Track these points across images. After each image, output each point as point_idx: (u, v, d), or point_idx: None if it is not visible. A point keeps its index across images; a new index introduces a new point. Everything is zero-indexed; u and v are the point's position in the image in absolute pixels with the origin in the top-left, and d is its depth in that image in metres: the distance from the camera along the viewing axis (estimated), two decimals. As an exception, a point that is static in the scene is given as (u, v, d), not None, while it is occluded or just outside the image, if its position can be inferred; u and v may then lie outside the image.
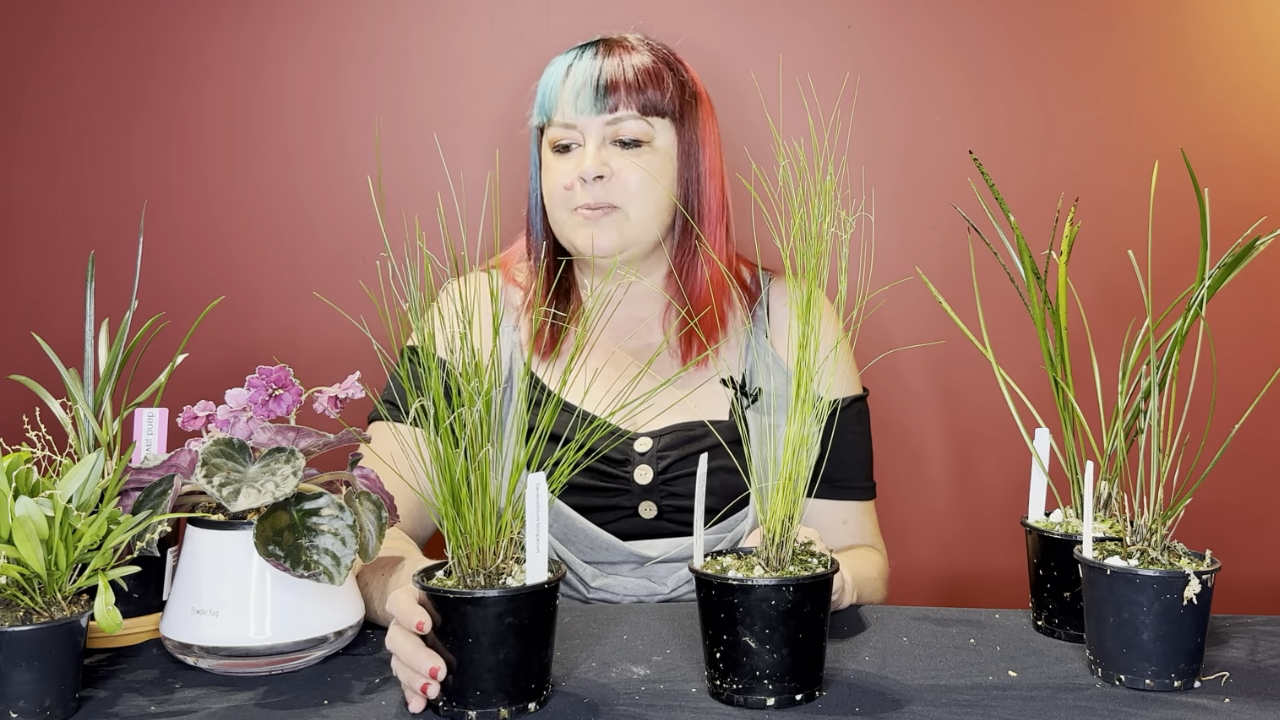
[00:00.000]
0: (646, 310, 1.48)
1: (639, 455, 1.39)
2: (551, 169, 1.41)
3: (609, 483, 1.39)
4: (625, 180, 1.38)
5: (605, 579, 1.39)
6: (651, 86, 1.39)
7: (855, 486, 1.46)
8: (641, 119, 1.38)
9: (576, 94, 1.38)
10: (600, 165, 1.37)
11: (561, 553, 1.40)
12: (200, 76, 1.83)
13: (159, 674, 1.05)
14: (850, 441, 1.46)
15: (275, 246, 1.84)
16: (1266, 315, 1.83)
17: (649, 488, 1.39)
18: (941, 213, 1.75)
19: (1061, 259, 1.18)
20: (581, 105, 1.37)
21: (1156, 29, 1.82)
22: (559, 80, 1.40)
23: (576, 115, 1.38)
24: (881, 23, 1.83)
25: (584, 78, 1.38)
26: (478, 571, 0.95)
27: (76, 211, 1.83)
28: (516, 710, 0.94)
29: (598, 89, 1.37)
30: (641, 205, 1.38)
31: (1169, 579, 0.97)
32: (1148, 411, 1.04)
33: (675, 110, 1.40)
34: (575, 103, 1.38)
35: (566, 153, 1.40)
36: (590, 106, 1.37)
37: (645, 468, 1.39)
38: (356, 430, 1.15)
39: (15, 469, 0.94)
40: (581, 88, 1.38)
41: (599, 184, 1.37)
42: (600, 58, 1.39)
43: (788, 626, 0.94)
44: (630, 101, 1.37)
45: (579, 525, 1.38)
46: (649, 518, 1.39)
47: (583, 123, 1.38)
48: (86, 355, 1.21)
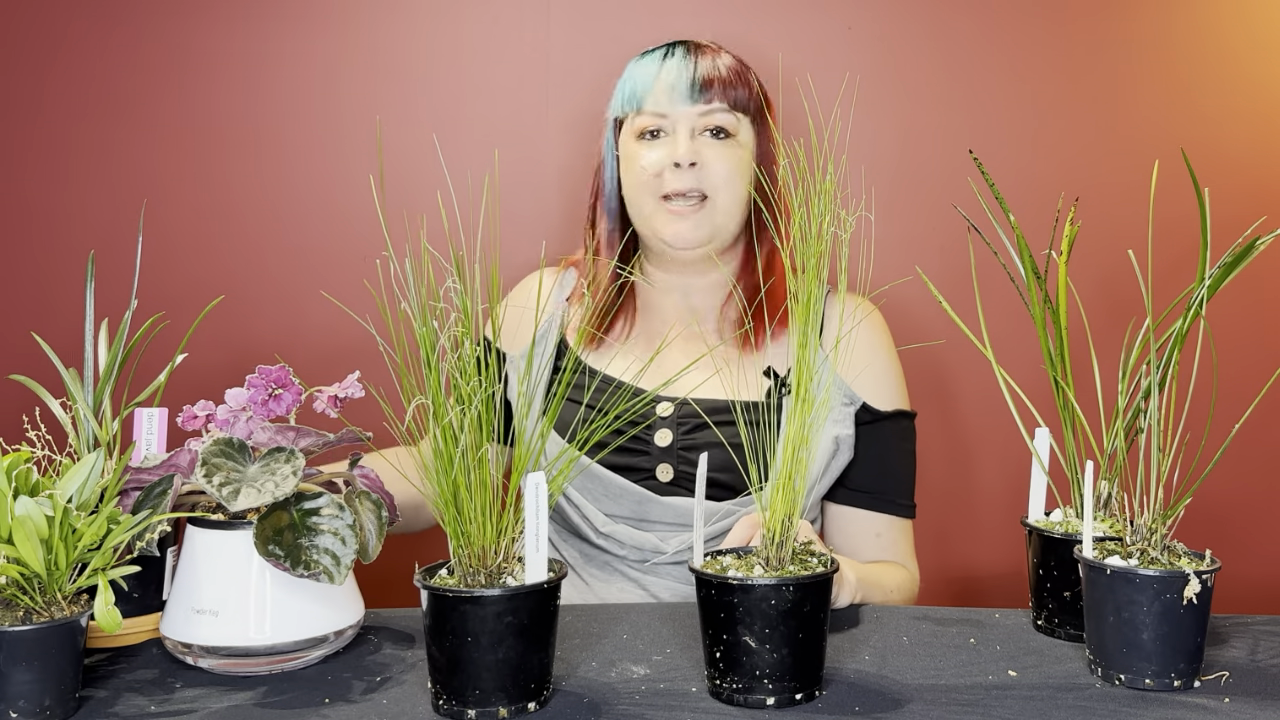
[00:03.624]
0: (704, 303, 1.51)
1: (661, 419, 1.43)
2: (637, 156, 1.45)
3: (630, 441, 1.42)
4: (715, 169, 1.42)
5: (614, 526, 1.42)
6: (741, 85, 1.44)
7: (894, 501, 1.48)
8: (730, 112, 1.43)
9: (672, 86, 1.43)
10: (693, 153, 1.41)
11: (575, 498, 1.43)
12: (200, 76, 1.83)
13: (159, 674, 1.05)
14: (894, 456, 1.49)
15: (275, 246, 1.84)
16: (1266, 315, 1.83)
17: (667, 450, 1.42)
18: (941, 213, 1.75)
19: (1061, 259, 1.18)
20: (677, 97, 1.43)
21: (1157, 29, 1.82)
22: (652, 74, 1.45)
23: (672, 105, 1.43)
24: (881, 23, 1.83)
25: (679, 72, 1.43)
26: (478, 570, 0.95)
27: (76, 211, 1.83)
28: (516, 710, 0.94)
29: (694, 83, 1.43)
30: (728, 195, 1.43)
31: (1169, 579, 0.97)
32: (1148, 411, 1.04)
33: (755, 110, 1.45)
34: (670, 94, 1.43)
35: (655, 139, 1.44)
36: (686, 98, 1.42)
37: (666, 431, 1.43)
38: (357, 430, 1.15)
39: (15, 469, 0.94)
40: (677, 80, 1.43)
41: (691, 170, 1.41)
42: (694, 56, 1.45)
43: (787, 626, 0.94)
44: (724, 95, 1.43)
45: (595, 470, 1.42)
46: (665, 480, 1.42)
47: (675, 113, 1.43)
48: (86, 355, 1.21)
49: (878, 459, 1.46)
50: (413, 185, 1.43)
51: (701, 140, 1.43)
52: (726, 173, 1.42)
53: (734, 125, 1.43)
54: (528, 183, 1.85)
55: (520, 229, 1.81)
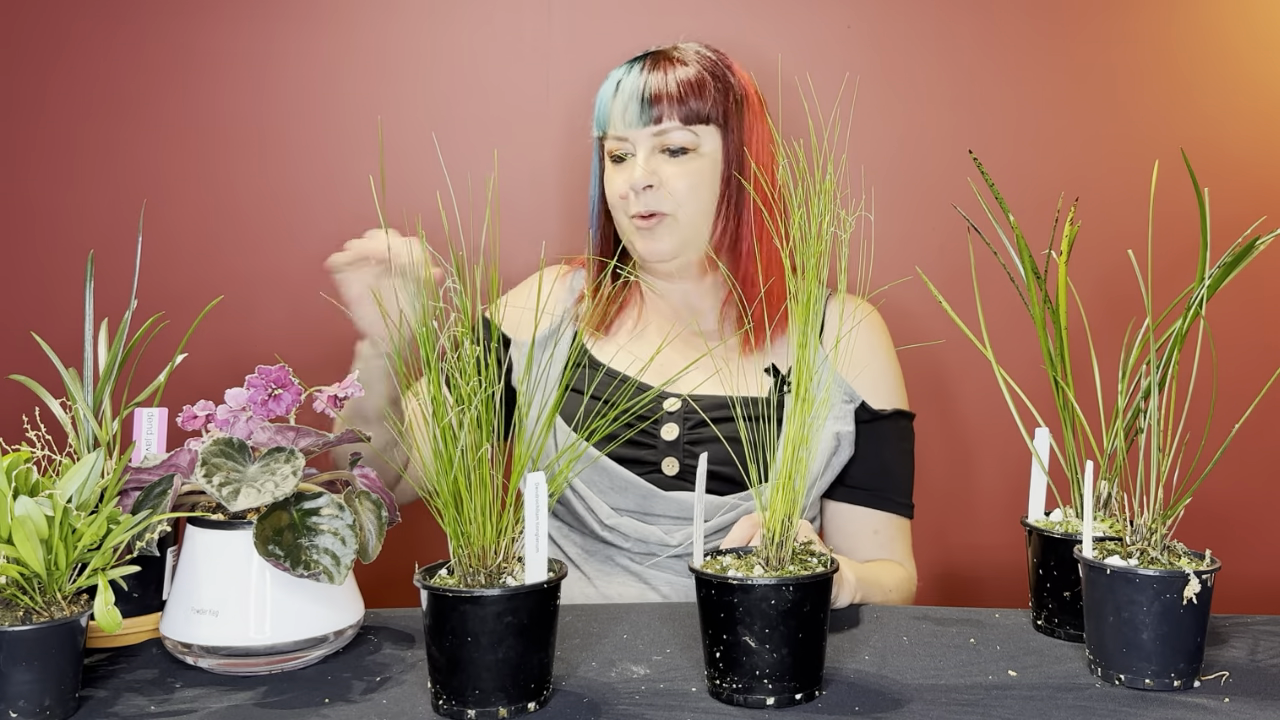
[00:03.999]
0: (703, 302, 1.53)
1: (668, 414, 1.44)
2: (610, 178, 1.49)
3: (637, 435, 1.43)
4: (673, 187, 1.44)
5: (619, 519, 1.43)
6: (694, 97, 1.44)
7: (892, 499, 1.49)
8: (685, 129, 1.44)
9: (624, 108, 1.45)
10: (649, 175, 1.44)
11: (581, 490, 1.44)
12: (200, 76, 1.83)
13: (159, 674, 1.05)
14: (892, 455, 1.50)
15: (275, 246, 1.84)
16: (1266, 315, 1.82)
17: (673, 444, 1.43)
18: (941, 213, 1.75)
19: (1061, 259, 1.18)
20: (629, 119, 1.45)
21: (1157, 29, 1.82)
22: (610, 95, 1.47)
23: (626, 128, 1.45)
24: (881, 23, 1.83)
25: (630, 92, 1.45)
26: (478, 570, 0.95)
27: (76, 211, 1.83)
28: (516, 710, 0.94)
29: (643, 102, 1.44)
30: (690, 209, 1.45)
31: (1169, 579, 0.97)
32: (1148, 411, 1.04)
33: (719, 116, 1.45)
34: (624, 116, 1.45)
35: (621, 163, 1.48)
36: (637, 119, 1.44)
37: (672, 425, 1.44)
38: (357, 430, 1.14)
39: (15, 469, 0.94)
40: (629, 101, 1.45)
41: (649, 193, 1.44)
42: (646, 72, 1.46)
43: (787, 626, 0.94)
44: (673, 113, 1.44)
45: (602, 463, 1.43)
46: (671, 474, 1.43)
47: (632, 135, 1.45)
48: (86, 355, 1.21)
49: (876, 457, 1.47)
50: (413, 185, 1.42)
51: (659, 159, 1.44)
52: (685, 189, 1.44)
53: (691, 140, 1.44)
54: (528, 183, 1.85)
55: (520, 229, 1.81)
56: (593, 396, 1.45)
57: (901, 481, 1.51)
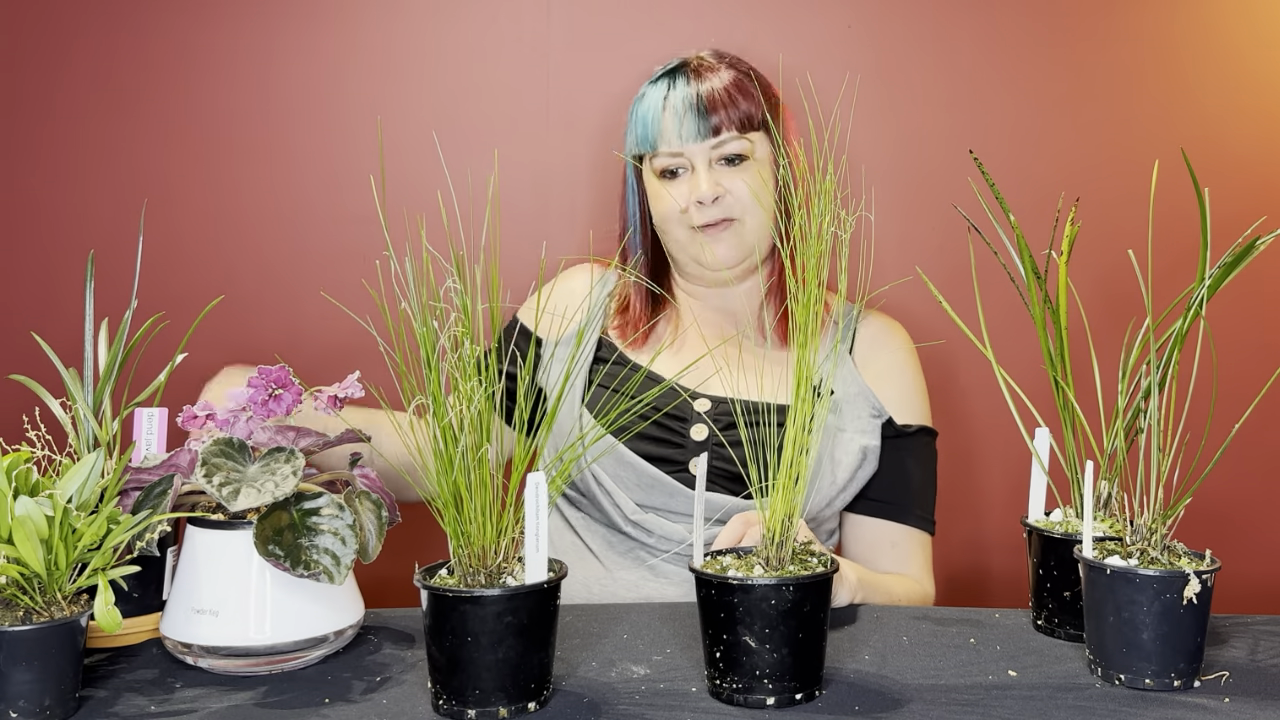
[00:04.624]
0: (742, 308, 1.54)
1: (697, 414, 1.45)
2: (661, 196, 1.47)
3: (666, 434, 1.44)
4: (738, 194, 1.44)
5: (644, 515, 1.43)
6: (745, 99, 1.45)
7: (913, 513, 1.50)
8: (741, 137, 1.44)
9: (680, 122, 1.44)
10: (714, 187, 1.43)
11: (607, 484, 1.44)
12: (201, 76, 1.83)
13: (159, 674, 1.05)
14: (915, 470, 1.51)
15: (275, 246, 1.84)
16: (1266, 315, 1.82)
17: (702, 444, 1.43)
18: (941, 213, 1.75)
19: (1061, 259, 1.18)
20: (687, 133, 1.44)
21: (1157, 29, 1.82)
22: (658, 111, 1.46)
23: (683, 143, 1.44)
24: (881, 23, 1.83)
25: (684, 104, 1.44)
26: (478, 570, 0.95)
27: (76, 211, 1.83)
28: (516, 710, 0.94)
29: (699, 112, 1.43)
30: (755, 217, 1.46)
31: (1169, 579, 0.97)
32: (1148, 411, 1.04)
33: (765, 120, 1.46)
34: (680, 130, 1.44)
35: (674, 178, 1.46)
36: (695, 133, 1.44)
37: (701, 426, 1.44)
38: (357, 430, 1.15)
39: (15, 469, 0.94)
40: (684, 115, 1.44)
41: (715, 204, 1.44)
42: (694, 83, 1.45)
43: (787, 626, 0.94)
44: (730, 121, 1.44)
45: (628, 458, 1.43)
46: None
47: (689, 149, 1.44)
48: (86, 355, 1.21)
49: (899, 470, 1.48)
50: (413, 185, 1.42)
51: (719, 170, 1.44)
52: (749, 196, 1.44)
53: (747, 148, 1.44)
54: (528, 182, 1.85)
55: (520, 229, 1.81)
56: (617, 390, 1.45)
57: (923, 497, 1.51)
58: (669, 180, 1.47)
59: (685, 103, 1.44)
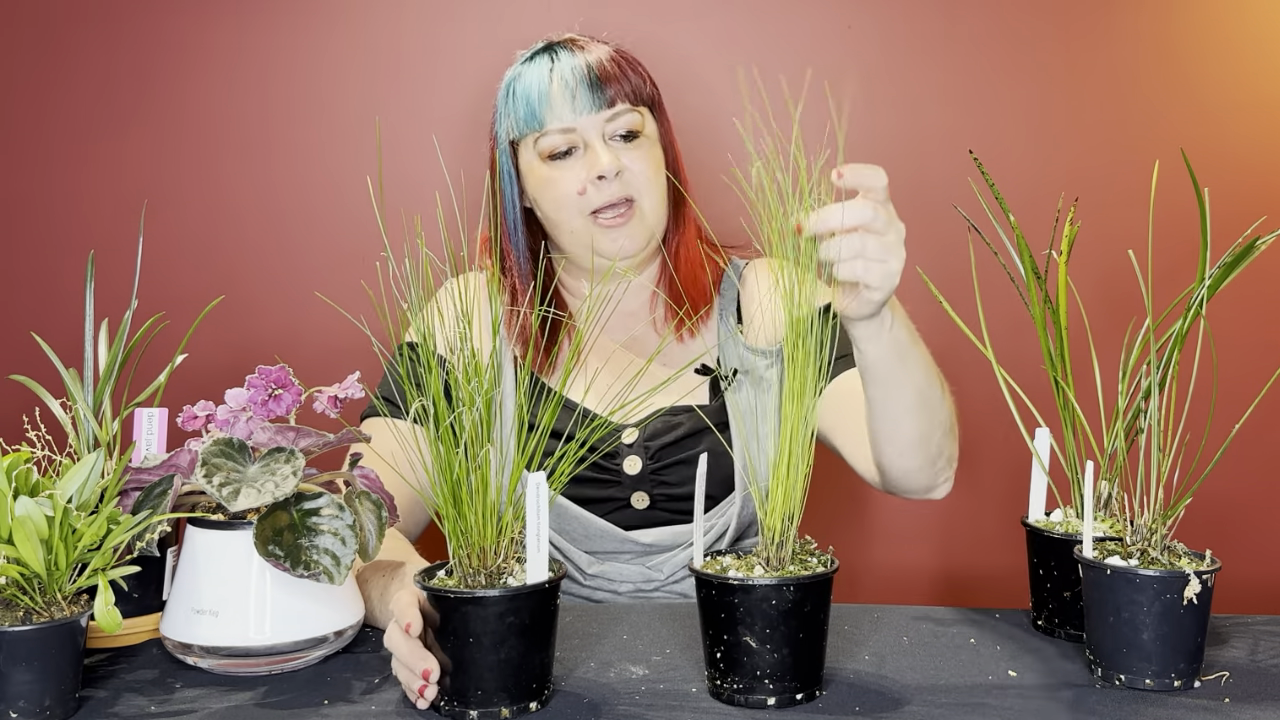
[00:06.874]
0: (637, 303, 1.47)
1: (626, 447, 1.38)
2: (552, 180, 1.37)
3: (600, 474, 1.38)
4: (636, 171, 1.36)
5: (602, 565, 1.39)
6: (634, 72, 1.38)
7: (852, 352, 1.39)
8: (634, 110, 1.37)
9: (572, 94, 1.34)
10: (615, 161, 1.34)
11: (556, 541, 1.39)
12: (201, 76, 1.83)
13: (159, 674, 1.05)
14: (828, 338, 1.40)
15: (275, 246, 1.84)
16: (1266, 315, 1.82)
17: (639, 478, 1.38)
18: (941, 213, 1.75)
19: (1061, 259, 1.18)
20: (580, 105, 1.34)
21: (1157, 29, 1.82)
22: (544, 85, 1.35)
23: (576, 116, 1.34)
24: (881, 23, 1.83)
25: (575, 76, 1.35)
26: (479, 571, 0.95)
27: (76, 211, 1.83)
28: (517, 710, 0.94)
29: (592, 83, 1.34)
30: (652, 197, 1.38)
31: (1169, 579, 0.97)
32: (1148, 411, 1.04)
33: (651, 97, 1.40)
34: (573, 104, 1.34)
35: (566, 158, 1.36)
36: (590, 104, 1.34)
37: (634, 458, 1.38)
38: (357, 430, 1.14)
39: (15, 469, 0.94)
40: (576, 87, 1.34)
41: (615, 180, 1.35)
42: (579, 54, 1.36)
43: (788, 626, 0.94)
44: (624, 93, 1.36)
45: (572, 512, 1.38)
46: (642, 508, 1.39)
47: (583, 124, 1.35)
48: (86, 355, 1.21)
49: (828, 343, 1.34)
50: (412, 185, 1.42)
51: (615, 146, 1.36)
52: (648, 174, 1.36)
53: (639, 123, 1.37)
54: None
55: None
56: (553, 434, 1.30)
57: None
58: (560, 162, 1.36)
59: (575, 74, 1.34)
